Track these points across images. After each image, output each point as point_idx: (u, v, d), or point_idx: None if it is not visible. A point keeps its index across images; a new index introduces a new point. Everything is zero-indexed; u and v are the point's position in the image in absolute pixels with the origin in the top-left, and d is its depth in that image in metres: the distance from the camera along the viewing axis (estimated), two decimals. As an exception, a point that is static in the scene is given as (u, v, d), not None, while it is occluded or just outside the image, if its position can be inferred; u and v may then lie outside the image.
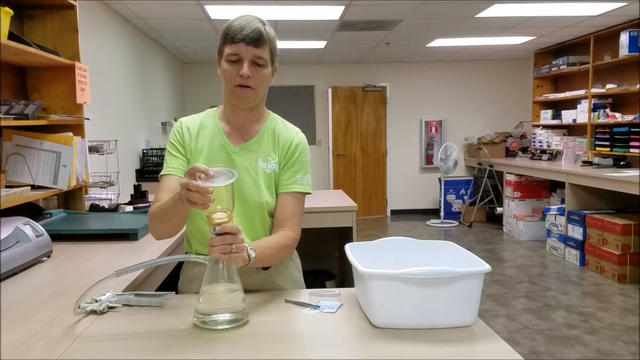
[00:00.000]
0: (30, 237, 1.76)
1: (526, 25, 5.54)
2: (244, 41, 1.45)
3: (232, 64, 1.48)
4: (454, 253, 1.41)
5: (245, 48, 1.46)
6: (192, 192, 1.18)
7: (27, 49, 2.17)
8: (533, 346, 3.40)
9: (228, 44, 1.47)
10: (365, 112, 8.25)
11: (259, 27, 1.47)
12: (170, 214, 1.37)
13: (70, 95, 2.65)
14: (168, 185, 1.52)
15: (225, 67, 1.49)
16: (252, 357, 1.10)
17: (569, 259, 5.46)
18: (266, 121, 1.64)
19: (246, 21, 1.47)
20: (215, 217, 1.23)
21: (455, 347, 1.14)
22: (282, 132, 1.63)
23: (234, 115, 1.60)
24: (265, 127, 1.62)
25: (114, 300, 1.37)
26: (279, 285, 1.62)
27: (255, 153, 1.59)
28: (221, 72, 1.52)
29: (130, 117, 5.02)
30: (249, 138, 1.60)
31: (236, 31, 1.45)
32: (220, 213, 1.23)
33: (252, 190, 1.56)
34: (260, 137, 1.61)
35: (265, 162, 1.59)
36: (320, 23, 5.25)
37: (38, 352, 1.11)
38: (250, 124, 1.61)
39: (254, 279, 1.57)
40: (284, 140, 1.62)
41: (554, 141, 6.87)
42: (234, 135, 1.60)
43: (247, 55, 1.47)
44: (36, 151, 2.39)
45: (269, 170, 1.59)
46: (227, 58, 1.48)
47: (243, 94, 1.51)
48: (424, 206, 8.51)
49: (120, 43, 4.72)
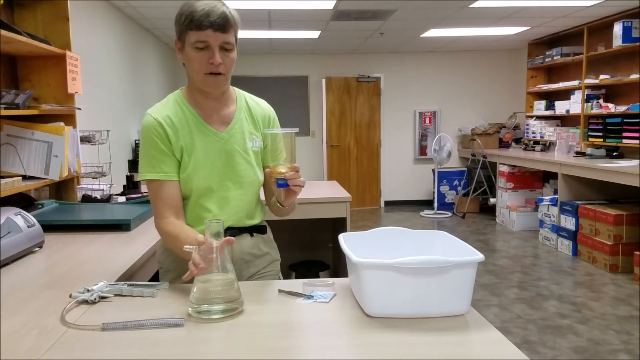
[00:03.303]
0: (21, 227, 1.75)
1: (520, 15, 5.53)
2: (212, 27, 1.40)
3: (199, 51, 1.44)
4: (448, 243, 1.41)
5: (214, 34, 1.41)
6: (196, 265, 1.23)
7: (18, 37, 2.14)
8: (525, 335, 3.43)
9: (194, 31, 1.42)
10: (359, 102, 8.23)
11: (225, 11, 1.43)
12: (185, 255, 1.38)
13: (62, 85, 2.63)
14: (167, 195, 1.51)
15: (192, 55, 1.45)
16: (246, 347, 1.10)
17: (562, 249, 5.49)
18: (237, 100, 1.64)
19: (210, 5, 1.42)
20: (278, 169, 1.42)
21: (449, 336, 1.14)
22: (257, 109, 1.66)
23: (206, 101, 1.57)
24: (239, 107, 1.63)
25: (107, 290, 1.37)
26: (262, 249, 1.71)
27: (241, 134, 1.60)
28: (186, 60, 1.48)
29: (123, 107, 4.99)
30: (229, 121, 1.60)
31: (202, 17, 1.40)
32: (282, 167, 1.41)
33: (249, 171, 1.59)
34: (239, 117, 1.61)
35: (251, 142, 1.62)
36: (313, 13, 5.22)
37: (30, 342, 1.10)
38: (223, 106, 1.60)
39: (243, 243, 1.64)
40: (261, 116, 1.66)
41: (547, 132, 6.89)
42: (212, 121, 1.58)
43: (216, 41, 1.43)
44: (27, 141, 2.37)
45: (256, 148, 1.63)
46: (195, 45, 1.43)
47: (216, 81, 1.48)
48: (418, 197, 8.53)
49: (112, 32, 4.68)
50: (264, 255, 1.72)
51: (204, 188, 1.55)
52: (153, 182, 1.52)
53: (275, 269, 1.78)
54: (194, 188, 1.54)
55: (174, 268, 1.64)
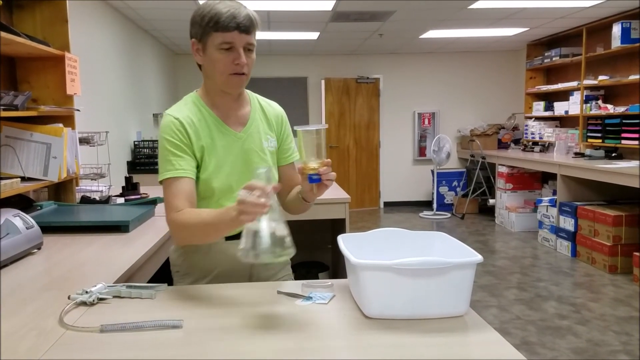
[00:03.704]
0: (20, 229, 1.75)
1: (519, 16, 5.53)
2: (238, 29, 1.43)
3: (224, 52, 1.46)
4: (447, 244, 1.41)
5: (239, 36, 1.44)
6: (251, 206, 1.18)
7: (17, 39, 2.14)
8: (524, 336, 3.43)
9: (220, 32, 1.44)
10: (359, 104, 8.24)
11: (249, 13, 1.47)
12: (222, 230, 1.35)
13: (60, 86, 2.62)
14: (184, 190, 1.47)
15: (217, 57, 1.47)
16: (245, 348, 1.09)
17: (561, 250, 5.49)
18: (250, 101, 1.66)
19: (234, 7, 1.44)
20: (310, 165, 1.43)
21: (447, 337, 1.14)
22: (269, 109, 1.69)
23: (223, 102, 1.59)
24: (253, 108, 1.65)
25: (105, 292, 1.36)
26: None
27: (257, 134, 1.62)
28: (209, 61, 1.50)
29: (122, 108, 4.98)
30: (245, 121, 1.62)
31: (228, 19, 1.42)
32: (313, 163, 1.43)
33: None
34: (254, 118, 1.64)
35: (267, 142, 1.64)
36: (313, 14, 5.23)
37: (29, 343, 1.10)
38: (240, 107, 1.62)
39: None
40: (274, 117, 1.69)
41: (546, 133, 6.89)
42: (230, 121, 1.59)
43: (241, 42, 1.46)
44: (26, 142, 2.37)
45: (271, 148, 1.65)
46: (220, 47, 1.45)
47: (239, 81, 1.51)
48: (417, 198, 8.53)
49: (111, 34, 4.68)
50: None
51: (225, 188, 1.56)
52: (170, 180, 1.48)
53: (288, 272, 1.80)
54: (215, 188, 1.55)
55: (193, 271, 1.64)
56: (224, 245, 1.62)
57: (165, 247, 2.15)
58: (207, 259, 1.63)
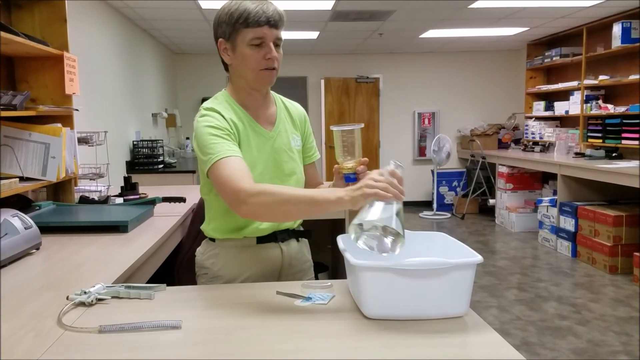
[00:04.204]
0: (18, 229, 1.74)
1: (519, 16, 5.53)
2: (268, 24, 1.45)
3: (255, 48, 1.46)
4: (446, 244, 1.40)
5: (269, 30, 1.46)
6: (390, 187, 1.22)
7: (15, 38, 2.13)
8: (525, 337, 3.42)
9: (251, 28, 1.44)
10: (358, 103, 8.23)
11: (276, 8, 1.48)
12: (325, 209, 1.32)
13: (59, 86, 2.61)
14: (244, 167, 1.40)
15: (248, 53, 1.47)
16: (244, 349, 1.09)
17: (561, 251, 5.49)
18: (275, 100, 1.67)
19: (261, 3, 1.46)
20: (346, 165, 1.44)
21: (447, 338, 1.13)
22: (293, 109, 1.71)
23: (252, 101, 1.58)
24: (279, 107, 1.66)
25: (104, 292, 1.36)
26: (305, 255, 1.77)
27: (285, 133, 1.63)
28: (239, 58, 1.49)
29: (121, 108, 4.98)
30: (274, 120, 1.62)
31: (258, 14, 1.43)
32: (350, 162, 1.44)
33: (295, 169, 1.62)
34: (281, 117, 1.64)
35: (293, 141, 1.64)
36: (312, 13, 5.22)
37: (27, 344, 1.09)
38: (267, 107, 1.63)
39: (290, 248, 1.68)
40: (297, 116, 1.70)
41: (546, 133, 6.89)
42: (260, 120, 1.60)
43: (271, 37, 1.47)
44: (24, 142, 2.36)
45: (297, 147, 1.66)
46: (251, 42, 1.46)
47: (270, 75, 1.52)
48: (417, 198, 8.52)
49: (109, 33, 4.67)
50: (306, 261, 1.77)
51: None
52: (223, 160, 1.39)
53: (311, 276, 1.82)
54: None
55: (223, 274, 1.63)
56: (256, 248, 1.62)
57: (164, 248, 2.15)
58: (239, 261, 1.62)
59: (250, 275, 1.63)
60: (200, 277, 1.70)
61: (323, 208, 1.31)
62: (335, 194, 1.28)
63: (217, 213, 1.61)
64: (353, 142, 1.44)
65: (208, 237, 1.68)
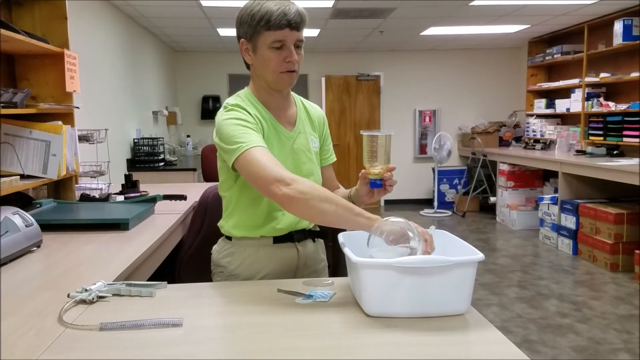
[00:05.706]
0: (19, 226, 1.74)
1: (520, 13, 5.52)
2: (289, 26, 1.43)
3: (276, 50, 1.45)
4: (448, 242, 1.40)
5: (290, 33, 1.44)
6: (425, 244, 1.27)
7: (16, 36, 2.13)
8: (526, 335, 3.42)
9: (272, 31, 1.42)
10: (359, 101, 8.22)
11: (298, 9, 1.45)
12: (358, 222, 1.32)
13: (60, 84, 2.61)
14: (270, 156, 1.39)
15: (269, 55, 1.46)
16: (245, 347, 1.09)
17: (562, 248, 5.48)
18: (295, 101, 1.66)
19: (284, 5, 1.43)
20: (373, 170, 1.47)
21: (449, 336, 1.13)
22: (312, 110, 1.70)
23: (273, 101, 1.58)
24: (298, 108, 1.65)
25: (105, 290, 1.36)
26: (321, 256, 1.75)
27: (304, 134, 1.62)
28: (260, 60, 1.48)
29: (121, 106, 4.97)
30: (294, 121, 1.62)
31: (280, 17, 1.41)
32: (377, 168, 1.46)
33: (313, 170, 1.62)
34: (301, 118, 1.64)
35: (312, 142, 1.64)
36: (313, 11, 5.21)
37: (28, 342, 1.09)
38: (288, 107, 1.62)
39: (307, 248, 1.67)
40: (317, 117, 1.70)
41: (547, 130, 6.88)
42: (281, 120, 1.59)
43: (292, 40, 1.45)
44: (25, 140, 2.36)
45: (316, 148, 1.66)
46: (272, 45, 1.44)
47: (290, 78, 1.51)
48: (418, 196, 8.52)
49: (110, 31, 4.67)
50: (322, 262, 1.76)
51: None
52: (250, 150, 1.37)
53: (326, 277, 1.80)
54: None
55: (240, 273, 1.62)
56: (273, 248, 1.61)
57: (165, 245, 2.15)
58: (255, 260, 1.61)
59: (266, 275, 1.62)
60: (215, 275, 1.69)
61: (356, 222, 1.32)
62: (364, 217, 1.31)
63: (238, 208, 1.59)
64: (382, 149, 1.44)
65: (225, 235, 1.67)
